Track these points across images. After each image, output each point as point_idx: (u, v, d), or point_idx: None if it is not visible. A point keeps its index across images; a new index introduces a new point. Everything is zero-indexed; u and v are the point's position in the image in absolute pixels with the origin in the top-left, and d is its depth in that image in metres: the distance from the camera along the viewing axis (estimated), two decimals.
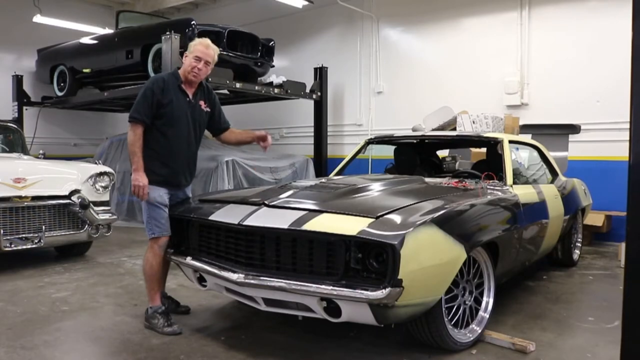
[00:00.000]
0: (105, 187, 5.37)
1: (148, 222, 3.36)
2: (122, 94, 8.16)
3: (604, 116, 6.57)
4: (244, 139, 3.80)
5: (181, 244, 3.45)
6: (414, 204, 2.84)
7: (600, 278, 4.85)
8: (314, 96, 8.61)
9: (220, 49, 6.96)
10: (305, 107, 9.10)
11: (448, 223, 2.71)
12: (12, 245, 4.73)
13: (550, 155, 5.10)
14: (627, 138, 1.66)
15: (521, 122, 5.98)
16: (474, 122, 4.79)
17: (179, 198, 3.54)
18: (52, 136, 10.32)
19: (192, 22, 7.03)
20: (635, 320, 1.67)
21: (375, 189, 3.32)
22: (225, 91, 7.52)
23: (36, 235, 4.87)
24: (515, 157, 4.48)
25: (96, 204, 5.23)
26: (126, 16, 8.86)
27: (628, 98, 1.65)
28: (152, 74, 7.26)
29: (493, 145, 4.20)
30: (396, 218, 2.61)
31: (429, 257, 2.57)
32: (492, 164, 4.23)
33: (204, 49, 3.39)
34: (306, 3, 8.36)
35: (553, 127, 6.07)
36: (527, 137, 5.23)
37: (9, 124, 6.77)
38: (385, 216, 2.62)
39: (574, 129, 6.00)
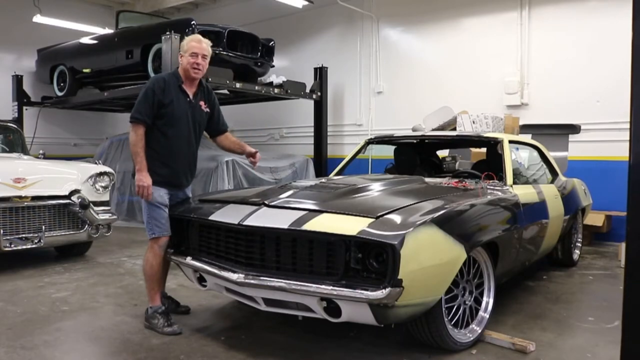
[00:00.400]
0: (105, 187, 5.37)
1: (148, 222, 3.36)
2: (122, 94, 8.16)
3: (604, 116, 6.57)
4: (236, 149, 3.79)
5: (181, 244, 3.45)
6: (414, 204, 2.84)
7: (600, 278, 4.85)
8: (314, 96, 8.61)
9: (220, 49, 7.05)
10: (305, 107, 9.10)
11: (448, 223, 2.71)
12: (12, 245, 4.73)
13: (550, 155, 5.10)
14: (627, 138, 1.66)
15: (521, 122, 5.98)
16: (474, 122, 4.79)
17: (179, 198, 3.54)
18: (52, 136, 10.32)
19: (192, 22, 7.03)
20: (635, 320, 1.67)
21: (375, 189, 3.32)
22: (225, 91, 7.52)
23: (36, 235, 4.87)
24: (515, 157, 4.48)
25: (96, 204, 5.23)
26: (126, 16, 8.86)
27: (628, 98, 1.65)
28: (152, 74, 7.26)
29: (493, 145, 4.20)
30: (396, 218, 2.61)
31: (429, 257, 2.57)
32: (492, 164, 4.23)
33: (198, 44, 3.39)
34: (306, 3, 8.36)
35: (553, 127, 6.07)
36: (527, 137, 5.23)
37: (8, 124, 6.77)
38: (385, 216, 2.62)
39: (574, 129, 5.99)
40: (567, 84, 6.96)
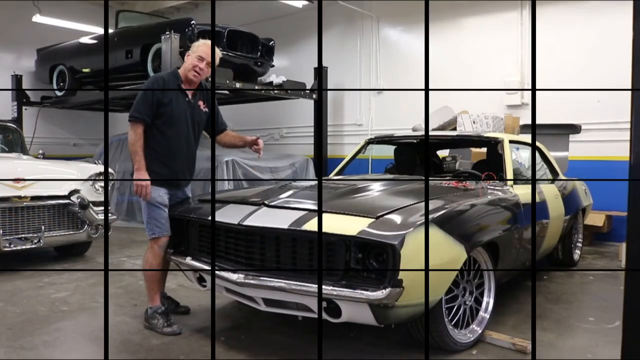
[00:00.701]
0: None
1: (148, 223, 3.36)
2: (122, 94, 8.15)
3: (604, 116, 6.57)
4: (237, 143, 3.79)
5: (181, 244, 3.45)
6: (414, 204, 2.84)
7: (600, 278, 4.84)
8: (314, 96, 8.61)
9: (220, 48, 7.04)
10: (305, 107, 9.10)
11: (448, 223, 2.71)
12: (12, 245, 4.73)
13: (551, 155, 5.10)
14: (627, 138, 1.66)
15: (521, 122, 5.97)
16: (474, 122, 4.78)
17: (179, 198, 3.53)
18: (52, 136, 10.31)
19: (192, 22, 7.03)
20: (635, 320, 1.66)
21: (375, 189, 3.32)
22: (225, 91, 7.51)
23: (36, 235, 4.87)
24: (515, 157, 4.48)
25: (96, 204, 5.23)
26: (126, 16, 8.86)
27: (628, 98, 1.65)
28: (151, 74, 7.26)
29: (493, 145, 4.19)
30: (396, 218, 2.60)
31: (429, 257, 2.56)
32: (492, 164, 4.23)
33: (208, 50, 3.39)
34: (306, 3, 8.36)
35: (553, 127, 6.06)
36: (527, 137, 5.22)
37: (8, 124, 6.76)
38: (385, 216, 2.62)
39: (575, 128, 5.99)
40: (567, 84, 6.95)
